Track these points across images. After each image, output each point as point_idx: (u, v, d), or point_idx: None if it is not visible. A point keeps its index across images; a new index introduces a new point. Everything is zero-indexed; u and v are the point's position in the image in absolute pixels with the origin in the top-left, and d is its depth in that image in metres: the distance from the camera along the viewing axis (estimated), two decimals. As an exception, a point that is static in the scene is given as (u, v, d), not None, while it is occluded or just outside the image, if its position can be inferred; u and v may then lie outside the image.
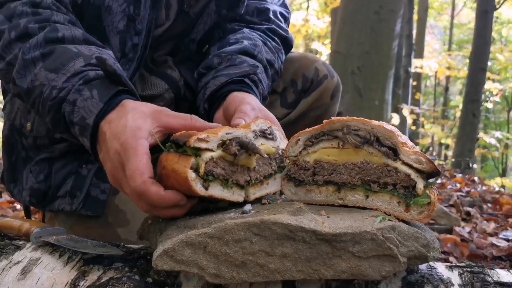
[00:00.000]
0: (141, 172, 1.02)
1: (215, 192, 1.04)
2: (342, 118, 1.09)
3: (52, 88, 1.22)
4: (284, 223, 0.92)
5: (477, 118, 10.79)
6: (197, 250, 0.93)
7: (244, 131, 1.10)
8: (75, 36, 1.32)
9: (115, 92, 1.19)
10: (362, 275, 0.93)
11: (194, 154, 1.01)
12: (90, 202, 1.53)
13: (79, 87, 1.20)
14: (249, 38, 1.66)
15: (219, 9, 1.70)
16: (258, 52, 1.63)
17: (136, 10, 1.50)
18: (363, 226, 0.94)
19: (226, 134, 1.05)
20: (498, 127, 18.99)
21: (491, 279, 1.01)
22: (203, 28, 1.71)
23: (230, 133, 1.06)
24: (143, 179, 1.01)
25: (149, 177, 1.02)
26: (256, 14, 1.78)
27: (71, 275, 1.06)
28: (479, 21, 10.40)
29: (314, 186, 1.14)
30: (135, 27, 1.51)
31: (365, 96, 6.35)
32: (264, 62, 1.64)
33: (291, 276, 0.93)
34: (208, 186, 1.02)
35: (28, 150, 1.64)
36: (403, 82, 11.71)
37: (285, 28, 1.83)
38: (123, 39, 1.52)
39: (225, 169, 1.06)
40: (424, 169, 1.02)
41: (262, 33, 1.73)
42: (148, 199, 1.02)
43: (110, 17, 1.49)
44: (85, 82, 1.21)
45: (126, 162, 1.05)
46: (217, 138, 1.04)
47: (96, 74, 1.22)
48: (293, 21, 14.79)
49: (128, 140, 1.05)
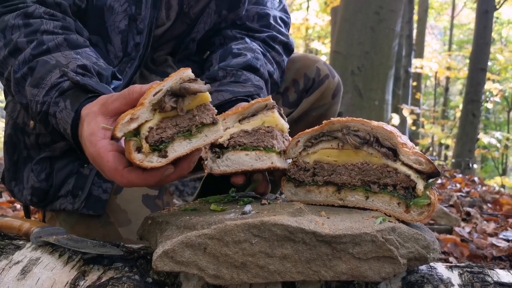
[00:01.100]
0: (115, 169, 1.04)
1: (180, 150, 1.02)
2: (341, 119, 1.10)
3: (36, 103, 1.27)
4: (284, 225, 0.92)
5: (477, 118, 10.78)
6: (197, 251, 0.93)
7: (172, 79, 1.03)
8: (59, 43, 1.34)
9: (84, 99, 1.21)
10: (362, 276, 0.93)
11: (133, 135, 1.00)
12: (92, 201, 1.53)
13: (55, 99, 1.24)
14: (251, 50, 1.69)
15: (219, 9, 1.71)
16: (261, 66, 1.67)
17: (138, 9, 1.52)
18: (363, 227, 0.94)
19: (154, 96, 1.01)
20: (498, 128, 18.99)
21: (491, 279, 1.01)
22: (203, 28, 1.73)
23: (159, 90, 1.01)
24: (119, 174, 1.04)
25: (124, 167, 1.04)
26: (257, 19, 1.80)
27: (71, 275, 1.06)
28: (479, 22, 10.39)
29: (314, 186, 1.14)
30: (136, 26, 1.53)
31: (365, 96, 6.34)
32: (266, 76, 1.68)
33: (291, 277, 0.93)
34: (166, 153, 1.01)
35: (30, 148, 1.64)
36: (403, 82, 11.71)
37: (286, 33, 1.85)
38: (125, 38, 1.54)
39: (178, 124, 1.03)
40: (424, 170, 1.02)
41: (262, 43, 1.76)
42: (138, 184, 1.06)
43: (112, 17, 1.51)
44: (60, 93, 1.24)
45: (99, 168, 1.10)
46: (146, 107, 1.00)
47: (70, 84, 1.25)
48: (293, 20, 14.79)
49: (89, 150, 1.09)
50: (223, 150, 1.18)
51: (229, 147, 1.18)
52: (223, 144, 1.17)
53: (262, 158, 1.16)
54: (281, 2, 1.90)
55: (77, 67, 1.27)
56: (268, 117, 1.20)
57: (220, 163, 1.18)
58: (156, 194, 1.67)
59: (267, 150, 1.17)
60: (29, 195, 1.62)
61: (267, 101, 1.21)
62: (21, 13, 1.40)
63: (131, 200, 1.60)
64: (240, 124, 1.21)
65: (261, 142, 1.17)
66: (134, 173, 1.04)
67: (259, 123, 1.20)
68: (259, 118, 1.21)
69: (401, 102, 11.14)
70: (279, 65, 1.78)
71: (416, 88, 15.61)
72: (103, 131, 1.08)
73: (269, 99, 1.21)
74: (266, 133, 1.18)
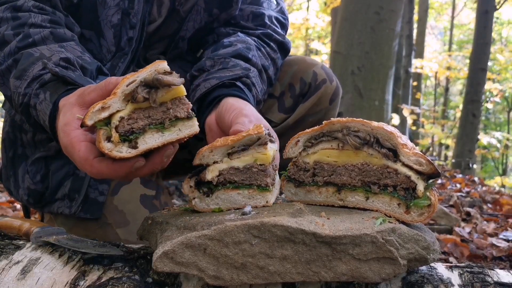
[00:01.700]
0: (85, 159, 1.04)
1: (151, 142, 1.00)
2: (341, 119, 1.09)
3: (19, 95, 1.27)
4: (284, 225, 0.92)
5: (477, 119, 10.78)
6: (197, 252, 0.93)
7: (147, 70, 1.01)
8: (45, 36, 1.35)
9: (63, 91, 1.21)
10: (362, 277, 0.93)
11: (104, 124, 0.99)
12: (88, 204, 1.53)
13: (36, 91, 1.24)
14: (243, 42, 1.65)
15: (209, 7, 1.68)
16: (253, 56, 1.61)
17: (130, 4, 1.52)
18: (363, 228, 0.94)
19: (128, 86, 1.00)
20: (498, 128, 18.98)
21: (491, 280, 1.01)
22: (192, 26, 1.70)
23: (133, 81, 1.00)
24: (89, 163, 1.04)
25: (94, 157, 1.04)
26: (251, 18, 1.76)
27: (71, 275, 1.06)
28: (479, 22, 10.40)
29: (314, 187, 1.14)
30: (129, 21, 1.53)
31: (365, 96, 6.34)
32: (259, 66, 1.62)
33: (291, 278, 0.93)
34: (137, 144, 0.99)
35: (26, 146, 1.64)
36: (403, 82, 11.71)
37: (281, 33, 1.79)
38: (117, 33, 1.54)
39: (150, 116, 1.01)
40: (424, 171, 1.02)
41: (256, 38, 1.71)
42: (107, 176, 1.05)
43: (105, 11, 1.51)
44: (41, 85, 1.24)
45: (71, 158, 1.09)
46: (118, 97, 0.99)
47: (51, 76, 1.25)
48: (293, 20, 14.78)
49: (63, 140, 1.08)
50: (212, 188, 1.10)
51: (218, 184, 1.10)
52: (212, 181, 1.09)
53: (255, 197, 1.11)
54: (279, 4, 1.87)
55: (60, 59, 1.27)
56: (260, 153, 1.10)
57: (209, 201, 1.10)
58: (154, 194, 1.65)
59: (261, 189, 1.11)
60: (26, 196, 1.62)
61: (259, 134, 1.10)
62: (10, 6, 1.40)
63: (128, 200, 1.60)
64: (230, 159, 1.11)
65: (254, 180, 1.11)
66: (104, 163, 1.02)
67: (251, 160, 1.11)
68: (250, 154, 1.11)
69: (401, 102, 11.14)
70: (273, 62, 1.71)
71: (416, 88, 15.61)
72: (77, 121, 1.06)
73: (262, 131, 1.10)
74: (260, 172, 1.11)
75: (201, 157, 1.10)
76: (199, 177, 1.09)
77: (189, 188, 1.10)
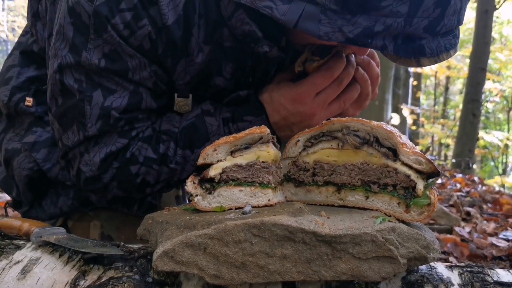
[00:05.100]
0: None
1: None
2: (341, 119, 1.10)
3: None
4: (284, 225, 0.92)
5: (477, 118, 10.77)
6: (197, 251, 0.93)
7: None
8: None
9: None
10: (362, 276, 0.93)
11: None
12: (145, 207, 1.58)
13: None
14: None
15: None
16: None
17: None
18: (363, 227, 0.94)
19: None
20: (498, 127, 18.98)
21: (491, 279, 1.01)
22: None
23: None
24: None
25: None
26: None
27: (71, 274, 1.06)
28: (479, 21, 10.39)
29: (314, 186, 1.14)
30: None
31: (365, 96, 6.33)
32: None
33: (291, 277, 0.93)
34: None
35: None
36: (403, 82, 11.71)
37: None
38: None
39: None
40: (424, 170, 1.02)
41: None
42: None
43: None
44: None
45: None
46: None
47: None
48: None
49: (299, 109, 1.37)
50: (214, 185, 1.10)
51: (221, 181, 1.10)
52: (214, 178, 1.09)
53: (257, 195, 1.11)
54: None
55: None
56: (263, 151, 1.13)
57: (211, 199, 1.10)
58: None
59: (263, 186, 1.12)
60: (70, 200, 1.58)
61: (262, 133, 1.12)
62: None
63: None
64: (233, 156, 1.12)
65: (257, 177, 1.11)
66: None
67: (253, 158, 1.12)
68: (253, 152, 1.12)
69: (401, 102, 11.14)
70: None
71: (416, 87, 15.61)
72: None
73: (265, 131, 1.12)
74: (262, 169, 1.12)
75: (205, 156, 1.10)
76: (202, 174, 1.10)
77: (192, 185, 1.10)
